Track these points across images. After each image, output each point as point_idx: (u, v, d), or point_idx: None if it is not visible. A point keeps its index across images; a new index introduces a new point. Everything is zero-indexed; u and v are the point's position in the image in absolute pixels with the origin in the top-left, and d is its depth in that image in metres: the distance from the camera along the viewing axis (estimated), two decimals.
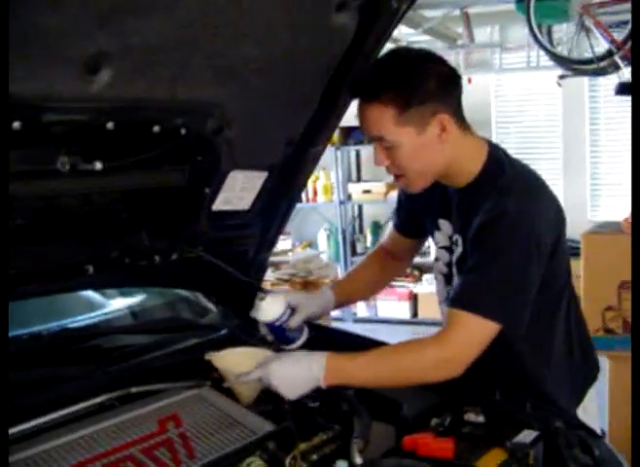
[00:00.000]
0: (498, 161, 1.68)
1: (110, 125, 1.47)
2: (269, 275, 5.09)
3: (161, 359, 1.85)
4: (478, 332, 1.55)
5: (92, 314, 2.10)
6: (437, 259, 1.87)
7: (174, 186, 1.74)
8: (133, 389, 1.67)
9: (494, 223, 1.57)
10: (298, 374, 1.54)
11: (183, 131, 1.60)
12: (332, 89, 1.83)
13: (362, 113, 1.60)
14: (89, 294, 2.24)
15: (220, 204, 1.88)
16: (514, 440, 1.50)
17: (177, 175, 1.71)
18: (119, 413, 1.59)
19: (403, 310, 6.99)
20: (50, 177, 1.48)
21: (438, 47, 6.39)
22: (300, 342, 1.84)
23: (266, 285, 4.74)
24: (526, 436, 1.53)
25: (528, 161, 1.78)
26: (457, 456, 1.46)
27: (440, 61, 1.63)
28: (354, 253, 7.29)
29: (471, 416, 1.61)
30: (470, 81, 5.95)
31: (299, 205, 6.83)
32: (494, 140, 5.37)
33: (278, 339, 1.83)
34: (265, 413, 1.63)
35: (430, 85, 1.56)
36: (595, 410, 1.94)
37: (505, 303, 1.56)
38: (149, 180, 1.68)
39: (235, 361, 1.71)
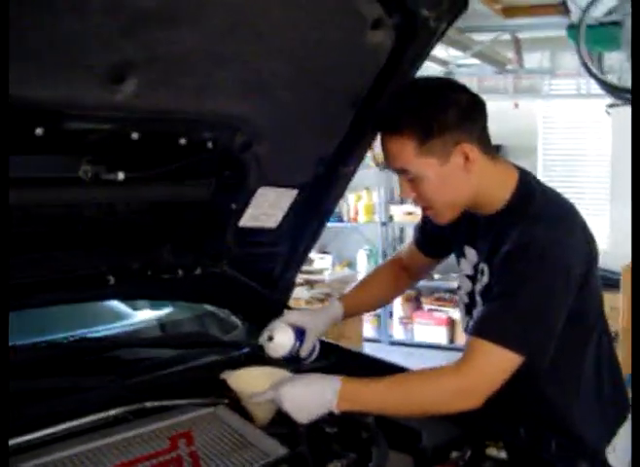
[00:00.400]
0: (528, 188, 1.63)
1: (135, 135, 1.46)
2: (304, 294, 5.06)
3: (180, 375, 1.83)
4: (499, 362, 1.49)
5: (116, 325, 2.09)
6: (459, 287, 1.82)
7: (199, 200, 1.72)
8: (148, 404, 1.65)
9: (522, 251, 1.51)
10: (310, 397, 1.50)
11: (210, 145, 1.59)
12: (365, 108, 1.80)
13: (383, 146, 1.57)
14: (116, 304, 2.23)
15: (247, 221, 1.86)
16: None
17: (202, 189, 1.69)
18: (131, 428, 1.56)
19: (440, 335, 6.87)
20: (71, 185, 1.47)
21: (487, 71, 6.37)
22: (312, 359, 1.84)
23: (300, 303, 4.71)
24: None
25: (574, 190, 1.74)
26: None
27: (461, 89, 1.58)
28: None
29: (492, 451, 1.55)
30: (516, 106, 5.87)
31: (340, 225, 6.88)
32: (540, 167, 5.24)
33: (290, 361, 1.83)
34: (280, 435, 1.59)
35: (450, 114, 1.51)
36: (626, 447, 1.86)
37: (529, 334, 1.49)
38: (173, 193, 1.66)
39: (250, 381, 1.67)
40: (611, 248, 5.32)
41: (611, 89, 4.94)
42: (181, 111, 1.48)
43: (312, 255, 6.33)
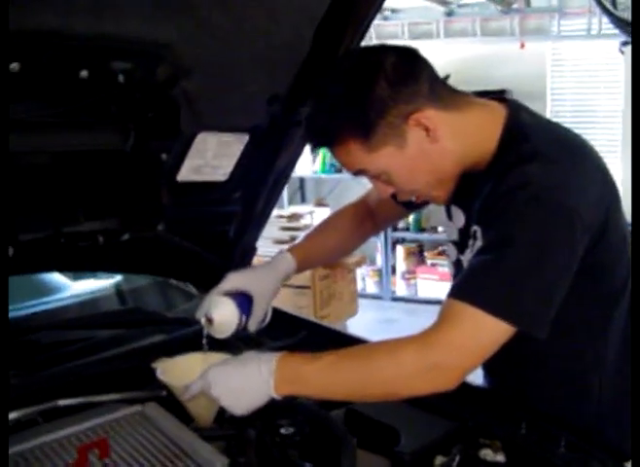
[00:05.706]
0: (519, 126, 1.31)
1: (14, 65, 1.13)
2: None
3: (107, 362, 1.53)
4: (477, 331, 1.18)
5: (43, 300, 1.77)
6: (448, 255, 1.54)
7: (118, 150, 1.38)
8: (60, 402, 1.35)
9: (513, 193, 1.21)
10: (243, 381, 1.25)
11: (121, 79, 1.26)
12: (328, 25, 1.47)
13: (332, 154, 1.34)
14: (49, 275, 1.91)
15: (187, 174, 1.54)
16: None
17: (118, 136, 1.36)
18: (33, 435, 1.26)
19: (444, 291, 6.56)
20: None
21: (491, 11, 6.11)
22: (264, 325, 1.55)
23: None
24: None
25: (585, 136, 1.38)
26: None
27: (381, 53, 1.30)
28: (395, 228, 6.87)
29: (488, 454, 1.33)
30: (523, 46, 5.54)
31: (338, 176, 6.55)
32: (549, 112, 4.85)
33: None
34: (226, 438, 1.33)
35: (379, 90, 1.25)
36: None
37: (518, 296, 1.18)
38: (76, 141, 1.33)
39: (185, 371, 1.38)
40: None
41: (625, 25, 4.63)
42: (74, 35, 1.15)
43: (311, 208, 6.03)
